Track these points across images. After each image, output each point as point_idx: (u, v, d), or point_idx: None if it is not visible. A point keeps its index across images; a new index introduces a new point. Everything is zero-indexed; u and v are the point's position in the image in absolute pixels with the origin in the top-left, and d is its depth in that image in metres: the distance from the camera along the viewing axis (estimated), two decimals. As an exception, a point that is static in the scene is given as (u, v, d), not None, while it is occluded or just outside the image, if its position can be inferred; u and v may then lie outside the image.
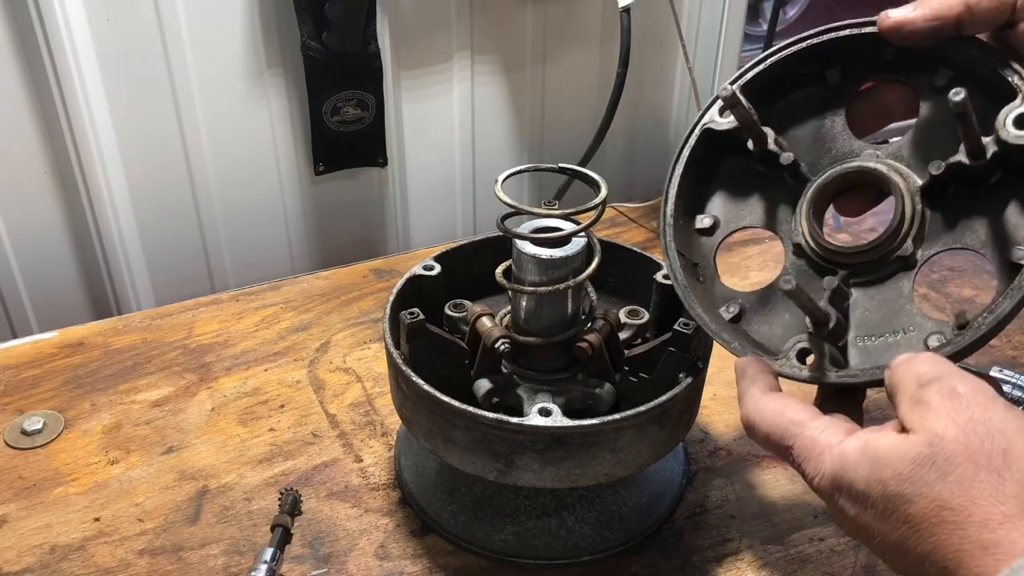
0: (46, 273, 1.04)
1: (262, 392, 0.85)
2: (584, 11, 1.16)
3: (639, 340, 0.71)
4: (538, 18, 1.14)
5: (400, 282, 0.73)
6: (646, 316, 0.72)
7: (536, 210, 0.66)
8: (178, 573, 0.68)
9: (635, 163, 1.31)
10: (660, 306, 0.73)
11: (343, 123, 1.07)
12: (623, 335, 0.70)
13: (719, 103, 0.61)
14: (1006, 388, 0.82)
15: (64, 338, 0.92)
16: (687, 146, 0.62)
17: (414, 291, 0.73)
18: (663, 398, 0.61)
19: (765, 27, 1.24)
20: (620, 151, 1.29)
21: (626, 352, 0.69)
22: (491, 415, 0.60)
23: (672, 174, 0.63)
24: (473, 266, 0.75)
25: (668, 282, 0.70)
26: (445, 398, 0.62)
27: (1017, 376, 0.83)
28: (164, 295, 1.09)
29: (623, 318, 0.71)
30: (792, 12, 1.81)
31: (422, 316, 0.66)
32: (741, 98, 0.57)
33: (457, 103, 1.15)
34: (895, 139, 0.59)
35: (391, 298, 0.71)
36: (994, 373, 0.84)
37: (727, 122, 0.60)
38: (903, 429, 0.46)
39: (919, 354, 0.49)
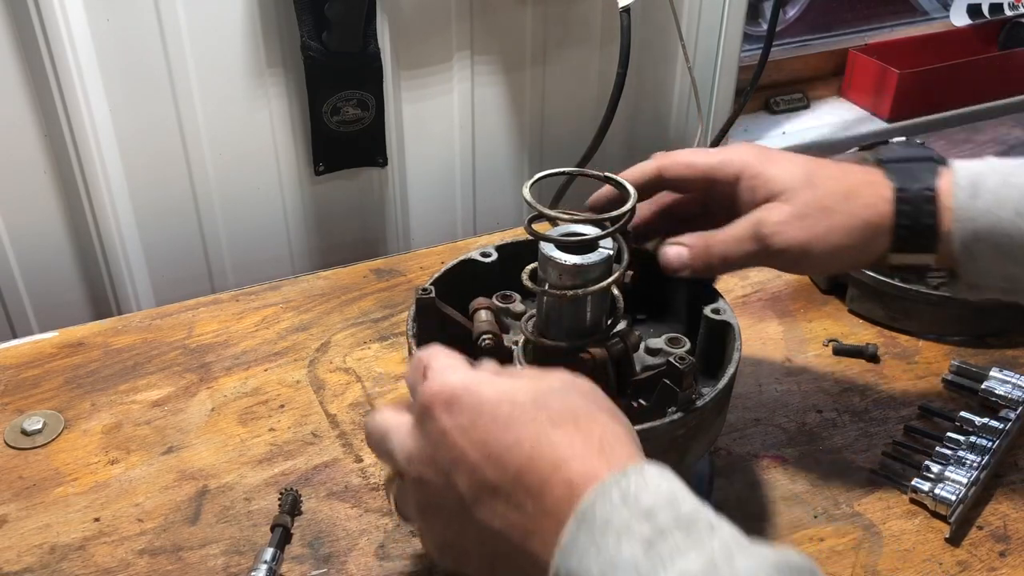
0: (46, 273, 1.04)
1: (262, 392, 0.85)
2: (584, 11, 1.16)
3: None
4: (538, 18, 1.14)
5: (449, 263, 0.72)
6: (687, 346, 0.69)
7: (561, 215, 0.65)
8: (178, 573, 0.68)
9: (635, 163, 1.31)
10: (707, 340, 0.70)
11: (343, 123, 1.07)
12: (654, 360, 0.68)
13: None
14: (1006, 388, 0.82)
15: (64, 338, 0.92)
16: None
17: (458, 276, 0.72)
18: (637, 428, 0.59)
19: (765, 27, 1.23)
20: (620, 151, 1.29)
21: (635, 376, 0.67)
22: None
23: None
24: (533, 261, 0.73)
25: (717, 317, 0.68)
26: None
27: (1017, 376, 0.83)
28: (164, 295, 1.09)
29: (661, 345, 0.69)
30: (792, 12, 1.80)
31: (433, 293, 0.66)
32: None
33: (457, 103, 1.15)
34: None
35: (435, 275, 0.70)
36: (994, 373, 0.84)
37: None
38: None
39: None
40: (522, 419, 0.48)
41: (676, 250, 0.69)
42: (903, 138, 1.31)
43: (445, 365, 0.52)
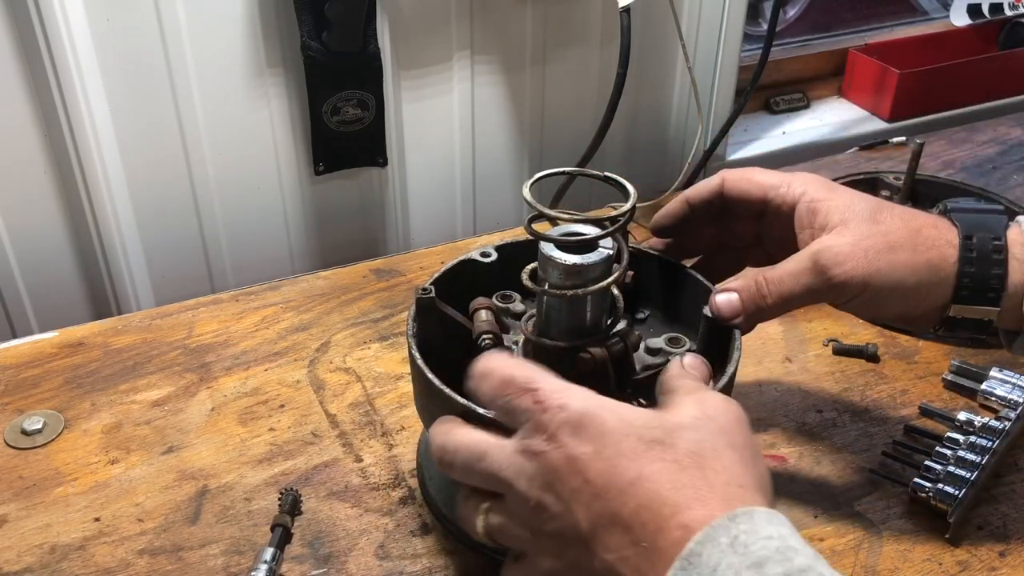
0: (46, 273, 1.04)
1: (262, 392, 0.85)
2: (584, 11, 1.16)
3: None
4: (538, 18, 1.14)
5: (449, 263, 0.72)
6: (687, 345, 0.69)
7: (561, 214, 0.65)
8: (178, 573, 0.68)
9: (635, 163, 1.31)
10: (707, 340, 0.69)
11: (343, 123, 1.07)
12: (654, 360, 0.68)
13: None
14: (1006, 388, 0.82)
15: (64, 338, 0.92)
16: None
17: (458, 276, 0.72)
18: None
19: (765, 27, 1.23)
20: (620, 151, 1.29)
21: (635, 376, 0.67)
22: (461, 400, 0.58)
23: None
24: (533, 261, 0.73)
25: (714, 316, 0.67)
26: (429, 374, 0.61)
27: (1017, 376, 0.83)
28: (164, 295, 1.09)
29: (661, 344, 0.69)
30: (792, 12, 1.80)
31: (433, 293, 0.66)
32: None
33: (457, 103, 1.15)
34: None
35: (435, 275, 0.70)
36: (994, 373, 0.84)
37: None
38: None
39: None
40: (647, 456, 0.47)
41: (726, 297, 0.65)
42: (903, 138, 1.31)
43: (560, 387, 0.51)
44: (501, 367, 0.54)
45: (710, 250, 0.74)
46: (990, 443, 0.76)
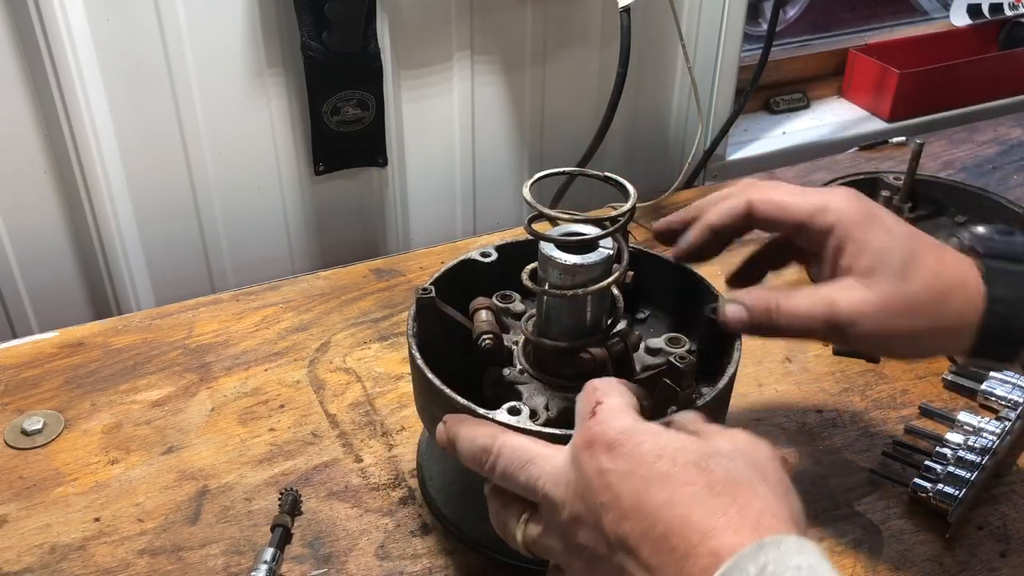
0: (46, 273, 1.04)
1: (262, 392, 0.85)
2: (584, 11, 1.16)
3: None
4: (538, 18, 1.14)
5: (449, 263, 0.72)
6: (687, 345, 0.69)
7: (561, 214, 0.65)
8: (178, 573, 0.68)
9: (635, 163, 1.31)
10: (708, 339, 0.69)
11: (343, 123, 1.07)
12: (654, 360, 0.68)
13: None
14: (1006, 388, 0.82)
15: (64, 338, 0.92)
16: None
17: (458, 276, 0.72)
18: None
19: (765, 27, 1.23)
20: (620, 151, 1.29)
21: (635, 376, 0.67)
22: (461, 400, 0.59)
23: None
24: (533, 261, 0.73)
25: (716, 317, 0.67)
26: (429, 374, 0.61)
27: (1017, 376, 0.83)
28: (164, 295, 1.09)
29: (661, 344, 0.69)
30: (792, 12, 1.81)
31: (433, 293, 0.66)
32: None
33: (457, 103, 1.15)
34: None
35: (435, 275, 0.70)
36: (994, 373, 0.84)
37: None
38: None
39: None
40: (679, 479, 0.47)
41: (736, 309, 0.63)
42: (903, 138, 1.31)
43: (615, 407, 0.52)
44: (596, 383, 0.55)
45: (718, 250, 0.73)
46: (990, 443, 0.76)
